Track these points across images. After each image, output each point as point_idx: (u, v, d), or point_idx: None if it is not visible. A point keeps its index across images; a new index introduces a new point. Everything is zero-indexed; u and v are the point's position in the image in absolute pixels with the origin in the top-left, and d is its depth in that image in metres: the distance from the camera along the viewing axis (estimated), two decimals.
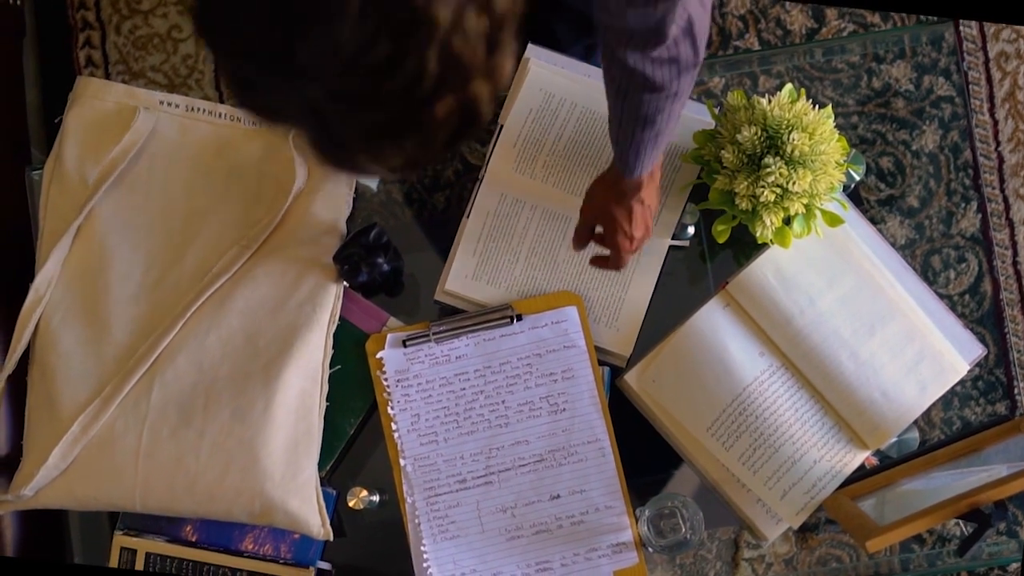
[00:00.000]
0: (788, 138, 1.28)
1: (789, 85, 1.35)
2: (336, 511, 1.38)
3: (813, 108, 1.31)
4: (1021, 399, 1.42)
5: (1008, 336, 1.44)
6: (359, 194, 1.44)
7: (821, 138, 1.29)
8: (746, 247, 1.40)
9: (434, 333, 1.37)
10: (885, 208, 1.45)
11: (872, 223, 1.41)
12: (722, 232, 1.36)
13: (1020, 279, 2.07)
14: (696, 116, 1.40)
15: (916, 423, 1.39)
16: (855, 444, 1.36)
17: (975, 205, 1.45)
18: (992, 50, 2.10)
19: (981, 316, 1.43)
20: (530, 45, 1.44)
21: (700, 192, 1.39)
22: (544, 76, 1.43)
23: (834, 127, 1.32)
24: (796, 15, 2.10)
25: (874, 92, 1.46)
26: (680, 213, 1.41)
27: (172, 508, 1.33)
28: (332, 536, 1.34)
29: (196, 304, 1.36)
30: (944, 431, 1.42)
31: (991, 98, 2.10)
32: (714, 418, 1.36)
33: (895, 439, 1.37)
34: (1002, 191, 2.08)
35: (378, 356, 1.38)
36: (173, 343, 1.36)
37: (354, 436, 1.39)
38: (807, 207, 1.31)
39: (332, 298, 1.38)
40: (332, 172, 0.77)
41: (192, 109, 1.45)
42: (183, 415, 1.33)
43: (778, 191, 1.28)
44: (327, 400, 1.36)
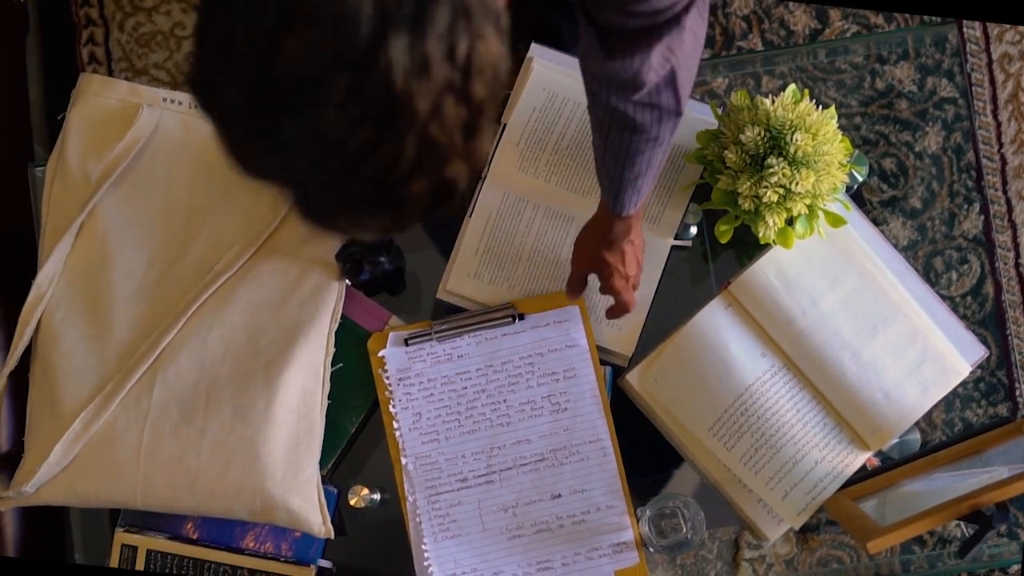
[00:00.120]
0: (791, 139, 1.28)
1: (792, 86, 1.35)
2: (337, 509, 1.38)
3: (816, 109, 1.31)
4: (1023, 401, 1.42)
5: (1010, 338, 1.43)
6: None
7: (824, 139, 1.29)
8: (748, 247, 1.40)
9: (436, 332, 1.37)
10: (888, 209, 1.45)
11: (875, 224, 1.41)
12: (725, 232, 1.36)
13: (1022, 281, 2.06)
14: (699, 116, 1.40)
15: (918, 424, 1.39)
16: (857, 445, 1.36)
17: (978, 207, 1.44)
18: (996, 52, 2.10)
19: (983, 318, 1.43)
20: (534, 44, 1.44)
21: (703, 192, 1.39)
22: (547, 75, 1.43)
23: (837, 128, 1.32)
24: (800, 16, 2.09)
25: (877, 93, 1.46)
26: (683, 213, 1.41)
27: (173, 505, 1.33)
28: (333, 534, 1.34)
29: (198, 302, 1.36)
30: (946, 432, 1.41)
31: (994, 100, 2.09)
32: (716, 418, 1.36)
33: (897, 440, 1.37)
34: (1005, 193, 2.08)
35: (380, 354, 1.38)
36: (175, 341, 1.36)
37: (355, 434, 1.39)
38: (810, 208, 1.31)
39: (334, 296, 1.37)
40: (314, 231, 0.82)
41: (195, 106, 1.45)
42: (185, 413, 1.33)
43: (781, 192, 1.28)
44: (329, 398, 1.36)
